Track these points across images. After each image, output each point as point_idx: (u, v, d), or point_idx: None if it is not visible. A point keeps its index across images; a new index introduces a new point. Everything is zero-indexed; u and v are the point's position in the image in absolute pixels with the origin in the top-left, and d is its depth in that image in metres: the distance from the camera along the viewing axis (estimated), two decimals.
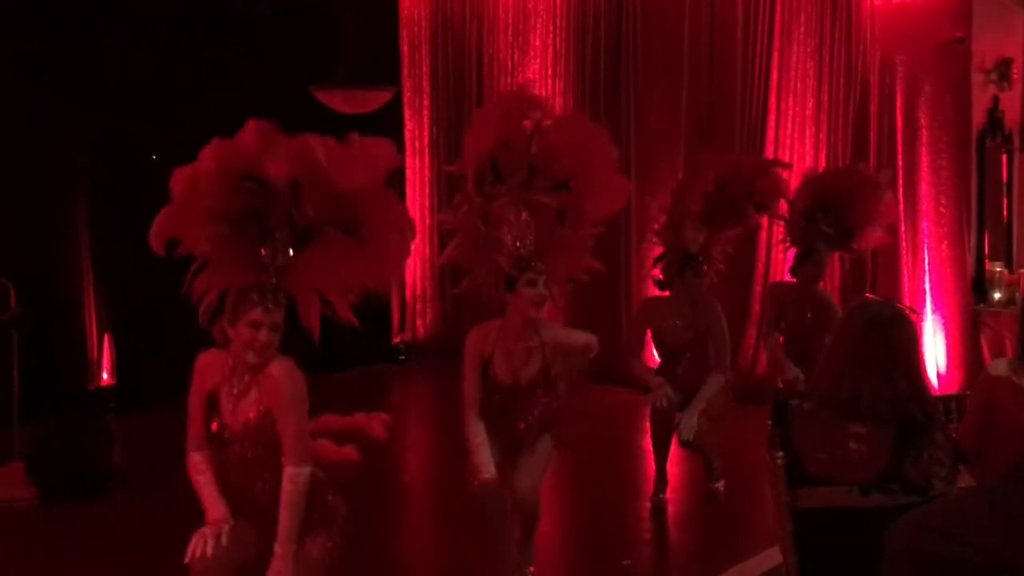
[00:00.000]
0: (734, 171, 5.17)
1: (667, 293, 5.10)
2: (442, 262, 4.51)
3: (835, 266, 6.57)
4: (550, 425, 4.03)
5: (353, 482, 5.71)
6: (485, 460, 3.83)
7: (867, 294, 5.55)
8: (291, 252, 3.10)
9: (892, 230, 5.88)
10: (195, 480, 3.19)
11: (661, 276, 5.06)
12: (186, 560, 3.01)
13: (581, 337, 4.00)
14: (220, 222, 3.05)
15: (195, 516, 3.09)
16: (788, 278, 5.65)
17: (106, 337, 6.98)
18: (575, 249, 3.97)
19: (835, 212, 5.24)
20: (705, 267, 4.93)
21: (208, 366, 3.17)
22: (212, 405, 3.16)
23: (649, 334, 5.25)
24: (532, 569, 4.15)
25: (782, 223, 5.58)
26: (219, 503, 3.14)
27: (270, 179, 3.04)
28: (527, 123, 3.80)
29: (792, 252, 5.57)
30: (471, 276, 4.00)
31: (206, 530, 3.05)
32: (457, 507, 5.04)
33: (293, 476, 3.11)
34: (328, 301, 3.22)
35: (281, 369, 3.10)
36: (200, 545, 3.01)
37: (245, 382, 3.12)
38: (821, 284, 5.54)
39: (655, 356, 5.37)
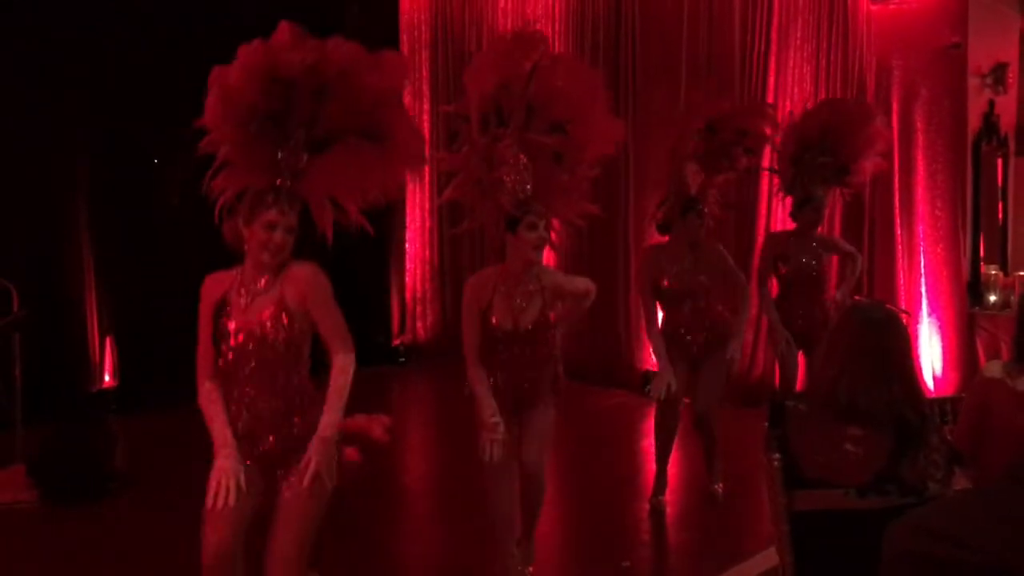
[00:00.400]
0: (723, 114, 5.21)
1: (666, 239, 5.12)
2: (443, 201, 4.53)
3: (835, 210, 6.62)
4: (553, 385, 4.01)
5: (354, 484, 5.77)
6: (492, 410, 3.79)
7: (856, 297, 5.56)
8: (305, 157, 3.13)
9: (887, 156, 5.90)
10: (206, 410, 3.11)
11: (663, 220, 5.05)
12: (207, 507, 2.98)
13: (581, 282, 3.99)
14: (244, 122, 3.07)
15: (196, 517, 3.09)
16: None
17: (108, 339, 7.01)
18: (572, 192, 3.97)
19: (825, 148, 5.31)
20: (706, 209, 4.96)
21: (215, 281, 3.15)
22: (222, 312, 3.08)
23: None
24: (531, 569, 4.18)
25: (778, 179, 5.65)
26: (228, 434, 3.07)
27: (296, 79, 3.08)
28: (526, 63, 3.79)
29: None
30: (472, 216, 3.99)
31: (221, 476, 2.97)
32: (458, 508, 5.09)
33: (344, 365, 3.12)
34: (341, 208, 3.23)
35: (308, 268, 3.11)
36: (222, 493, 2.96)
37: (260, 285, 3.09)
38: (820, 229, 5.61)
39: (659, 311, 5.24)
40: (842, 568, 2.81)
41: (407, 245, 9.28)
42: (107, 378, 7.04)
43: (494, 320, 3.83)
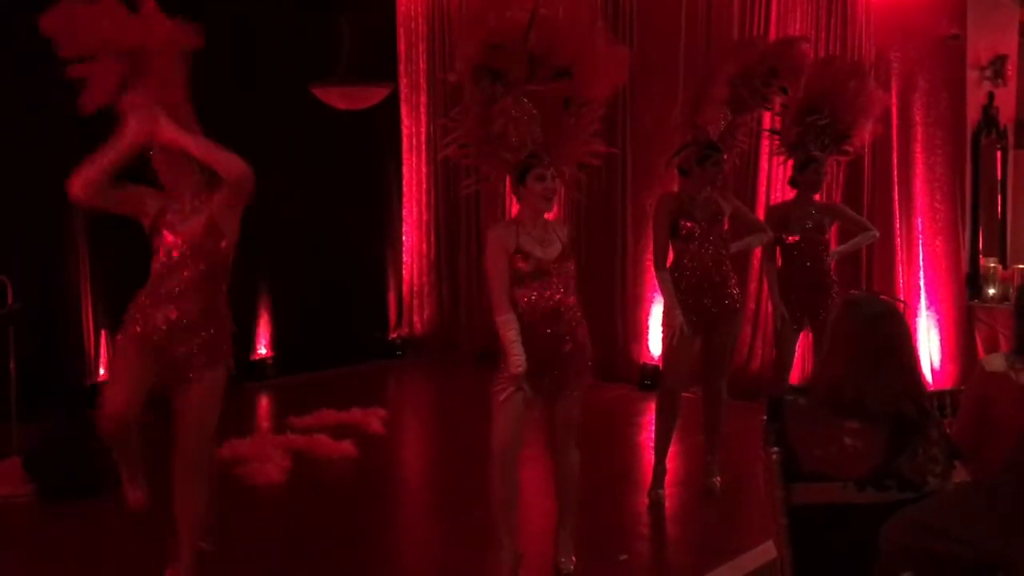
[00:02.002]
0: (755, 57, 5.25)
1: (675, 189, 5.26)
2: (441, 158, 4.57)
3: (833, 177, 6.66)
4: (585, 350, 4.05)
5: (350, 477, 5.77)
6: (520, 360, 3.81)
7: (851, 291, 5.58)
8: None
9: (884, 119, 6.01)
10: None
11: (684, 165, 5.09)
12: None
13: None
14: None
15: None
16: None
17: (103, 333, 6.98)
18: (581, 135, 4.03)
19: (827, 111, 5.39)
20: (725, 156, 5.00)
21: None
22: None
23: None
24: (574, 559, 4.24)
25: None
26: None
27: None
28: (519, 13, 3.83)
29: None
30: (476, 175, 4.12)
31: None
32: (455, 503, 5.07)
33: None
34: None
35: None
36: None
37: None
38: (818, 196, 5.67)
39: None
40: (840, 562, 2.80)
41: (404, 239, 9.25)
42: (102, 372, 7.01)
43: (522, 259, 3.88)
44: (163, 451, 3.84)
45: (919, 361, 3.00)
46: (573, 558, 4.24)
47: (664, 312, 5.04)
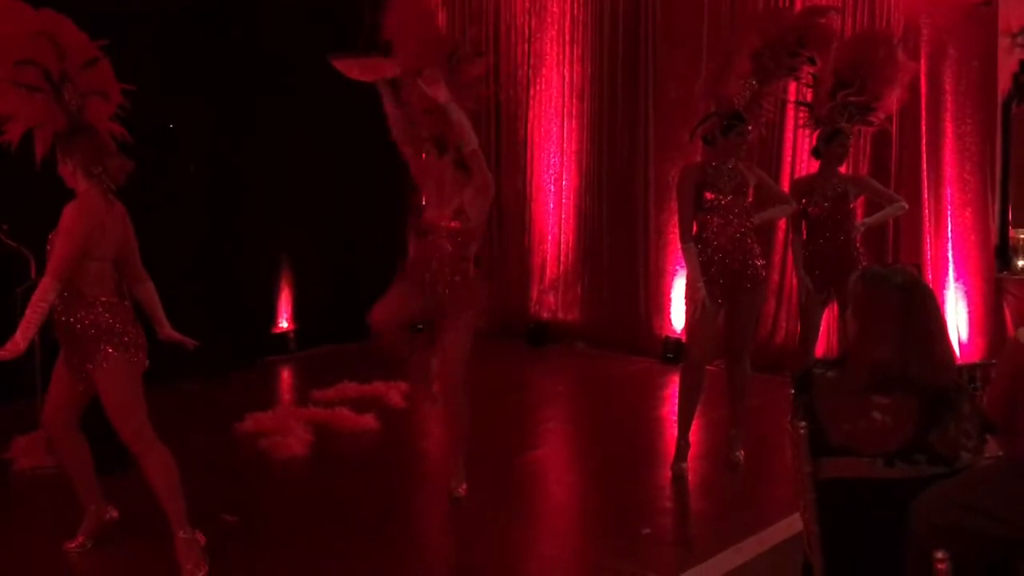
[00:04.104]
0: (781, 28, 5.22)
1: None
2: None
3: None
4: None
5: (372, 450, 5.78)
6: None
7: (864, 264, 5.52)
8: None
9: (911, 88, 5.97)
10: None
11: (708, 135, 5.10)
12: None
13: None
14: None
15: (207, 489, 3.06)
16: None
17: None
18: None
19: (857, 84, 5.38)
20: (750, 126, 5.00)
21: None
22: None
23: None
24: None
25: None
26: None
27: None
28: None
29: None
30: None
31: None
32: (476, 473, 5.05)
33: None
34: None
35: None
36: None
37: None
38: (844, 168, 5.69)
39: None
40: (868, 537, 2.76)
41: None
42: None
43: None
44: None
45: (948, 333, 2.94)
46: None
47: (687, 285, 5.00)
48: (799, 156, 7.02)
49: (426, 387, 5.13)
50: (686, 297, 5.00)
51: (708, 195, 4.93)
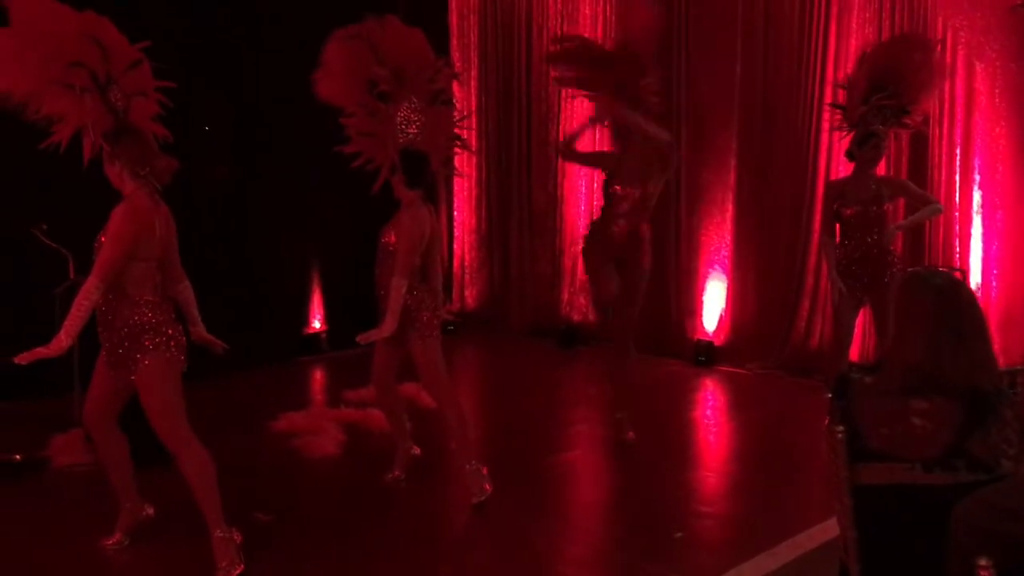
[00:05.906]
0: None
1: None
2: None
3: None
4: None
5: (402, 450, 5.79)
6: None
7: (900, 267, 5.50)
8: None
9: (942, 91, 6.26)
10: None
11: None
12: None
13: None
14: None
15: (242, 485, 3.09)
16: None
17: None
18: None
19: (892, 88, 5.50)
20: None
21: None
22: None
23: None
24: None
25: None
26: None
27: None
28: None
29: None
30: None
31: None
32: (505, 474, 5.06)
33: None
34: None
35: None
36: None
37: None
38: (881, 170, 5.82)
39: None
40: (906, 543, 2.73)
41: (455, 214, 9.24)
42: None
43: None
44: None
45: (990, 334, 2.90)
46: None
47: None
48: (835, 159, 6.98)
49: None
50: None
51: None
